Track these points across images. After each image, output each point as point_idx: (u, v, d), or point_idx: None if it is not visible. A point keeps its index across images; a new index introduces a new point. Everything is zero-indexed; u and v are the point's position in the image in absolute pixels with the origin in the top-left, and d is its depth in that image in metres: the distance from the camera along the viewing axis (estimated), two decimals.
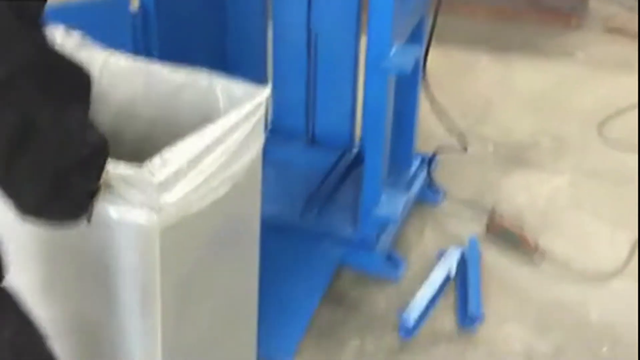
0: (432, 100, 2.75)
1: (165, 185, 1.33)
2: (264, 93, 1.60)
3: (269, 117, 3.15)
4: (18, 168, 1.08)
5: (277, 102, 3.12)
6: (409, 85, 2.78)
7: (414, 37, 2.63)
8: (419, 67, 2.82)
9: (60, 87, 1.10)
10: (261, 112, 1.58)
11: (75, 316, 1.57)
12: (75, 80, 1.14)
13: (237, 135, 1.50)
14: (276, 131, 3.15)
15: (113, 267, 1.40)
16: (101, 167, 1.24)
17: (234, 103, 1.59)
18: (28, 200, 1.13)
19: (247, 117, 1.52)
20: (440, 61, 4.18)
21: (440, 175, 3.15)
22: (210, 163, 1.41)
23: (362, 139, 2.70)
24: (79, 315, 1.57)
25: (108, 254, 1.39)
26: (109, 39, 1.85)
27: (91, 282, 1.48)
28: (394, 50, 2.39)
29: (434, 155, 3.00)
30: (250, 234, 1.75)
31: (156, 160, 1.33)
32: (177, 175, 1.35)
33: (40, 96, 1.06)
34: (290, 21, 2.93)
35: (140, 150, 1.57)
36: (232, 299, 1.74)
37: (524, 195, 3.12)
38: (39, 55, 1.06)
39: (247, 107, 1.53)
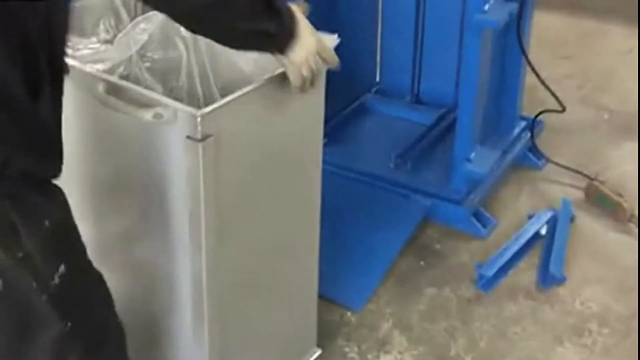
0: (529, 63, 2.73)
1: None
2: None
3: (376, 77, 3.25)
4: None
5: (385, 62, 3.22)
6: (512, 46, 2.78)
7: None
8: (526, 28, 2.80)
9: None
10: None
11: (125, 235, 1.75)
12: None
13: None
14: (383, 90, 3.25)
15: (162, 178, 1.56)
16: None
17: None
18: None
19: None
20: (571, 28, 4.13)
21: (548, 141, 3.13)
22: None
23: (457, 93, 2.74)
24: (129, 235, 1.75)
25: (158, 164, 1.56)
26: None
27: (143, 198, 1.65)
28: (488, 5, 2.42)
29: (536, 119, 2.98)
30: (310, 170, 1.84)
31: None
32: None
33: None
34: None
35: None
36: (288, 232, 1.84)
37: (631, 164, 3.04)
38: None
39: None
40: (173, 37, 1.65)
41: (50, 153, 1.36)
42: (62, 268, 1.40)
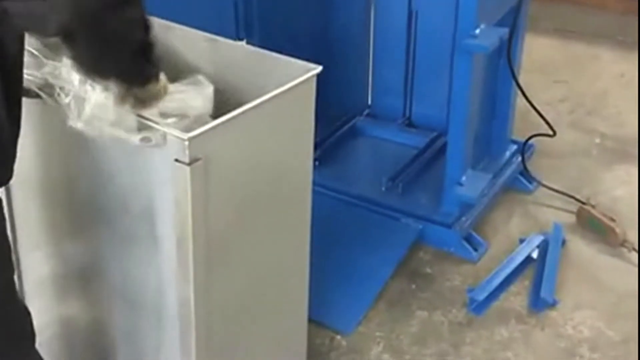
0: (519, 88, 2.74)
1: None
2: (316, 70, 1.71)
3: (368, 100, 3.26)
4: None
5: (377, 85, 3.23)
6: (503, 70, 2.79)
7: (506, 21, 2.62)
8: (517, 52, 2.81)
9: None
10: (312, 85, 1.71)
11: (111, 261, 1.74)
12: None
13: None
14: (374, 113, 3.25)
15: (150, 202, 1.56)
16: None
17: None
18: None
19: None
20: (561, 52, 4.15)
21: (539, 164, 3.14)
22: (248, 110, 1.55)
23: (447, 117, 2.74)
24: (115, 261, 1.73)
25: (145, 188, 1.56)
26: (212, 23, 1.99)
27: (129, 223, 1.64)
28: (479, 30, 2.43)
29: (526, 143, 2.98)
30: (300, 193, 1.83)
31: None
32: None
33: None
34: (392, 3, 3.03)
35: None
36: (278, 255, 1.83)
37: (623, 189, 3.05)
38: None
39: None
40: None
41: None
42: None
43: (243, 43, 1.85)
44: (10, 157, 1.40)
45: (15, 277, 1.89)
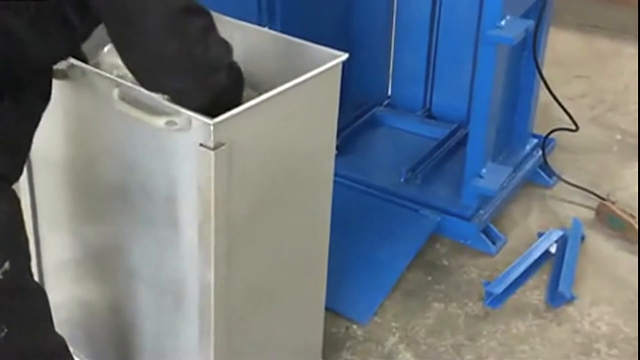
0: (543, 81, 2.72)
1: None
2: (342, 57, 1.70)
3: (388, 90, 3.24)
4: None
5: (397, 75, 3.20)
6: (527, 63, 2.77)
7: (531, 14, 2.59)
8: (541, 46, 2.79)
9: None
10: (337, 73, 1.71)
11: (133, 243, 1.74)
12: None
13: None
14: (394, 103, 3.24)
15: (173, 186, 1.57)
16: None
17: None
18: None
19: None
20: (584, 47, 4.12)
21: (559, 159, 3.12)
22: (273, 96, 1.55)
23: (469, 109, 2.72)
24: (137, 243, 1.73)
25: (169, 172, 1.56)
26: (234, 10, 1.97)
27: (152, 206, 1.64)
28: (504, 21, 2.41)
29: (548, 137, 2.96)
30: (321, 182, 1.84)
31: None
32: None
33: None
34: None
35: None
36: (298, 243, 1.84)
37: None
38: None
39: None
40: None
41: (10, 155, 1.39)
42: (6, 265, 1.39)
43: (267, 29, 1.82)
44: (22, 151, 1.42)
45: (34, 257, 1.92)
